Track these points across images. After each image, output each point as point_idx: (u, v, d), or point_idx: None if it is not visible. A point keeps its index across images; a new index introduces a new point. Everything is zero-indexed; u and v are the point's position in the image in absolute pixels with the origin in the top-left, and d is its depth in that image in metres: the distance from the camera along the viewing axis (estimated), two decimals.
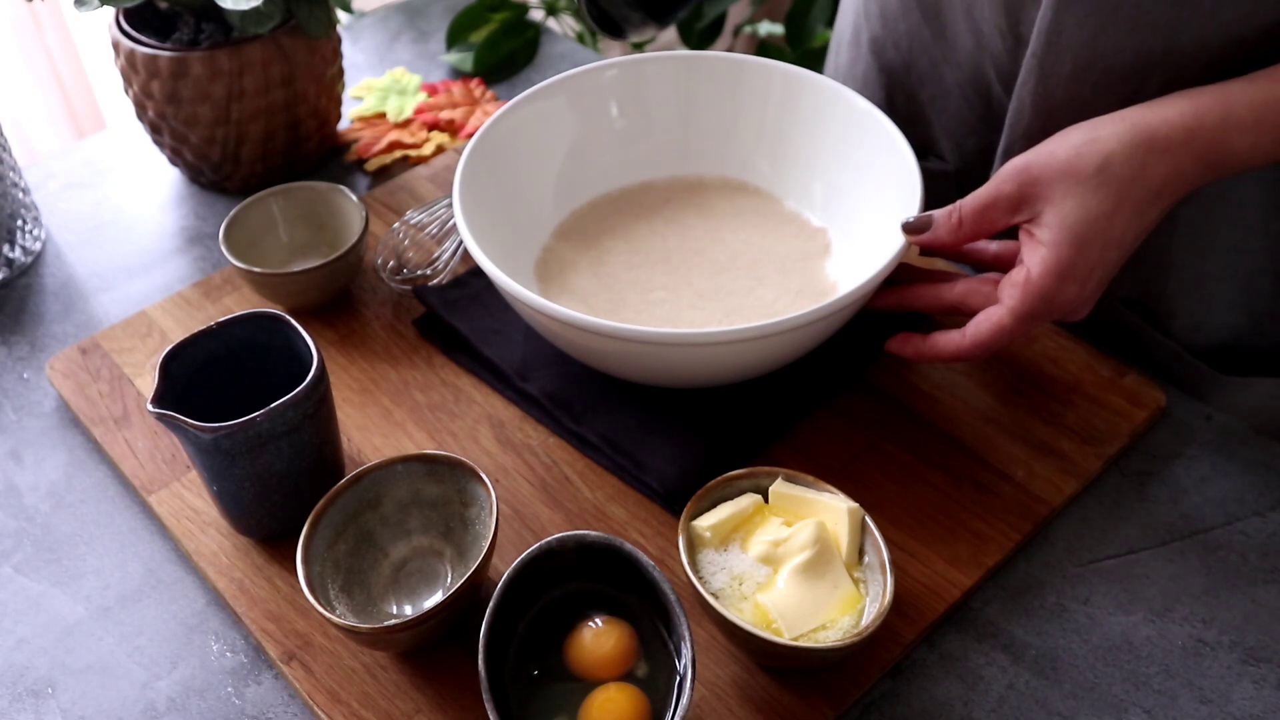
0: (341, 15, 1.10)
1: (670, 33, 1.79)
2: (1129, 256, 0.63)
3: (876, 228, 0.72)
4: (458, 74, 1.08)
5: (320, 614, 0.56)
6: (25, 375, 0.78)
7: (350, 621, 0.57)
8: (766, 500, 0.62)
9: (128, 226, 0.91)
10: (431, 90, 1.03)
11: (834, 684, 0.58)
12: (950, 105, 0.81)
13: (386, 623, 0.56)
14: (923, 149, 0.84)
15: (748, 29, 1.85)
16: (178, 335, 0.76)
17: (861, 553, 0.60)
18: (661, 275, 0.77)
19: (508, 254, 0.74)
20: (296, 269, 0.75)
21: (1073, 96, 0.68)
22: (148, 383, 0.75)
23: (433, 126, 0.99)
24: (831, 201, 0.80)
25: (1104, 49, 0.66)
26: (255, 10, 0.82)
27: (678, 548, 0.59)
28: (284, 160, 0.92)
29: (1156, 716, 0.58)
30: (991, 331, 0.63)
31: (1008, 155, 0.75)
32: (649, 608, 0.57)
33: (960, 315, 0.67)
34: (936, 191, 0.80)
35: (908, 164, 0.71)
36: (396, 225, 0.82)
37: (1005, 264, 0.67)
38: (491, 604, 0.54)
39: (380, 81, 1.03)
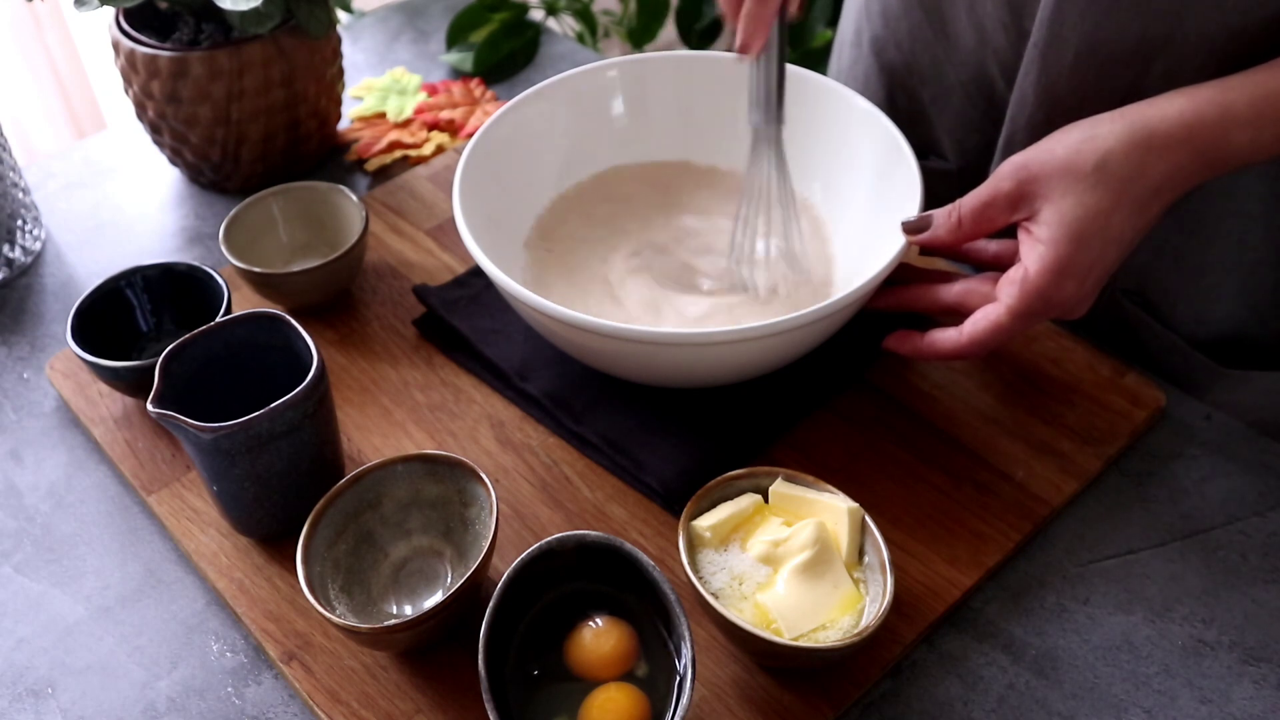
0: (341, 15, 1.10)
1: (670, 33, 1.79)
2: (1129, 254, 0.63)
3: (876, 228, 0.72)
4: (458, 74, 1.08)
5: (320, 614, 0.56)
6: (25, 375, 0.78)
7: (350, 621, 0.57)
8: (766, 500, 0.62)
9: (128, 226, 0.91)
10: (431, 90, 1.03)
11: (834, 684, 0.58)
12: (952, 103, 0.81)
13: (386, 623, 0.56)
14: (924, 148, 0.84)
15: None
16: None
17: (861, 553, 0.60)
18: (661, 275, 0.77)
19: (508, 254, 0.74)
20: (296, 269, 0.75)
21: (1075, 85, 0.68)
22: None
23: (433, 126, 0.99)
24: (831, 201, 0.80)
25: (1106, 37, 0.66)
26: (255, 10, 0.82)
27: (678, 548, 0.59)
28: (284, 160, 0.92)
29: (1156, 716, 0.58)
30: (989, 330, 0.63)
31: (1009, 147, 0.75)
32: (649, 608, 0.57)
33: (960, 315, 0.67)
34: (939, 191, 0.80)
35: (908, 164, 0.71)
36: None
37: (1005, 263, 0.67)
38: (491, 604, 0.54)
39: (380, 81, 1.03)
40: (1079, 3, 0.65)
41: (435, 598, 0.61)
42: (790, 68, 0.80)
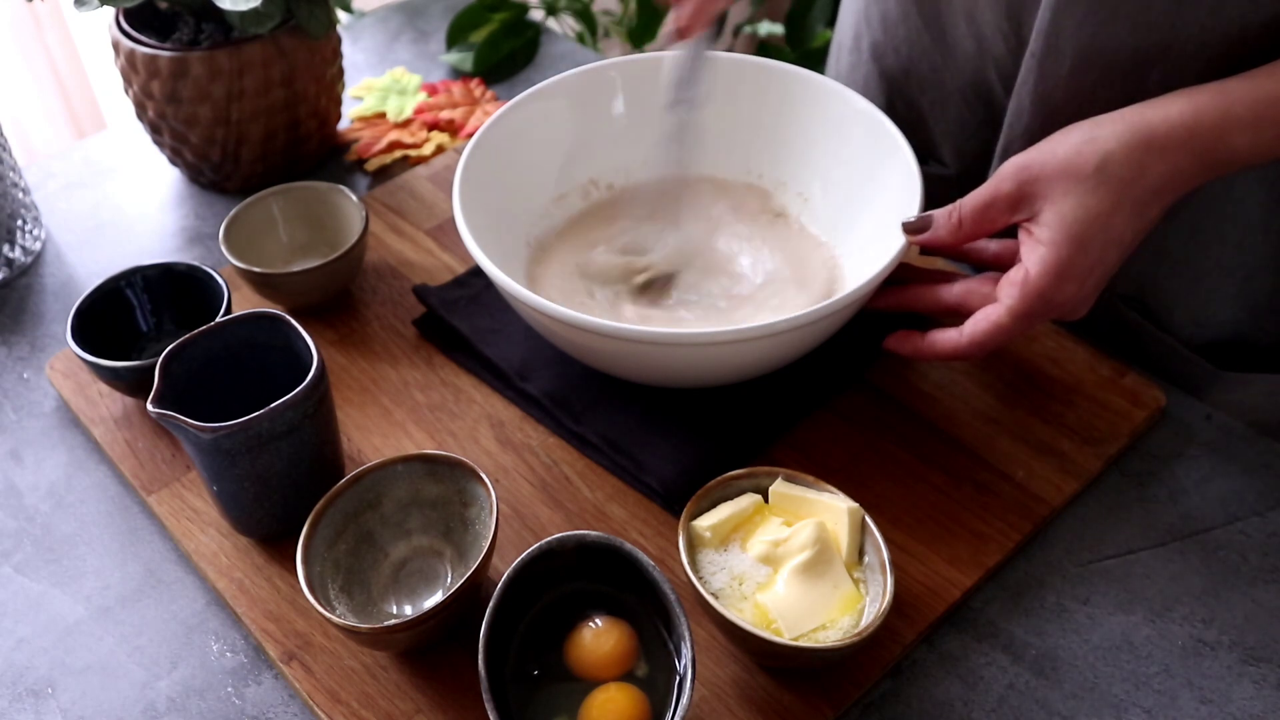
0: (341, 15, 1.10)
1: None
2: (1129, 255, 0.63)
3: (876, 227, 0.72)
4: (458, 74, 1.08)
5: (320, 614, 0.56)
6: (25, 375, 0.78)
7: (350, 621, 0.57)
8: (766, 500, 0.62)
9: (128, 226, 0.91)
10: (431, 90, 1.03)
11: (834, 684, 0.58)
12: (951, 110, 0.81)
13: (386, 623, 0.56)
14: (923, 154, 0.84)
15: (748, 29, 1.85)
16: None
17: (861, 553, 0.60)
18: (661, 275, 0.77)
19: (508, 254, 0.74)
20: (296, 269, 0.75)
21: (1072, 94, 0.68)
22: None
23: (433, 126, 0.99)
24: (831, 201, 0.80)
25: (1103, 47, 0.66)
26: (255, 10, 0.82)
27: (678, 548, 0.59)
28: (284, 160, 0.92)
29: (1156, 716, 0.58)
30: (990, 330, 0.63)
31: (1006, 154, 0.75)
32: (649, 608, 0.57)
33: (960, 316, 0.67)
34: (937, 197, 0.80)
35: (908, 163, 0.71)
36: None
37: (1005, 263, 0.67)
38: (491, 604, 0.54)
39: (380, 81, 1.03)
40: (1076, 13, 0.65)
41: (435, 598, 0.61)
42: (790, 68, 0.80)
